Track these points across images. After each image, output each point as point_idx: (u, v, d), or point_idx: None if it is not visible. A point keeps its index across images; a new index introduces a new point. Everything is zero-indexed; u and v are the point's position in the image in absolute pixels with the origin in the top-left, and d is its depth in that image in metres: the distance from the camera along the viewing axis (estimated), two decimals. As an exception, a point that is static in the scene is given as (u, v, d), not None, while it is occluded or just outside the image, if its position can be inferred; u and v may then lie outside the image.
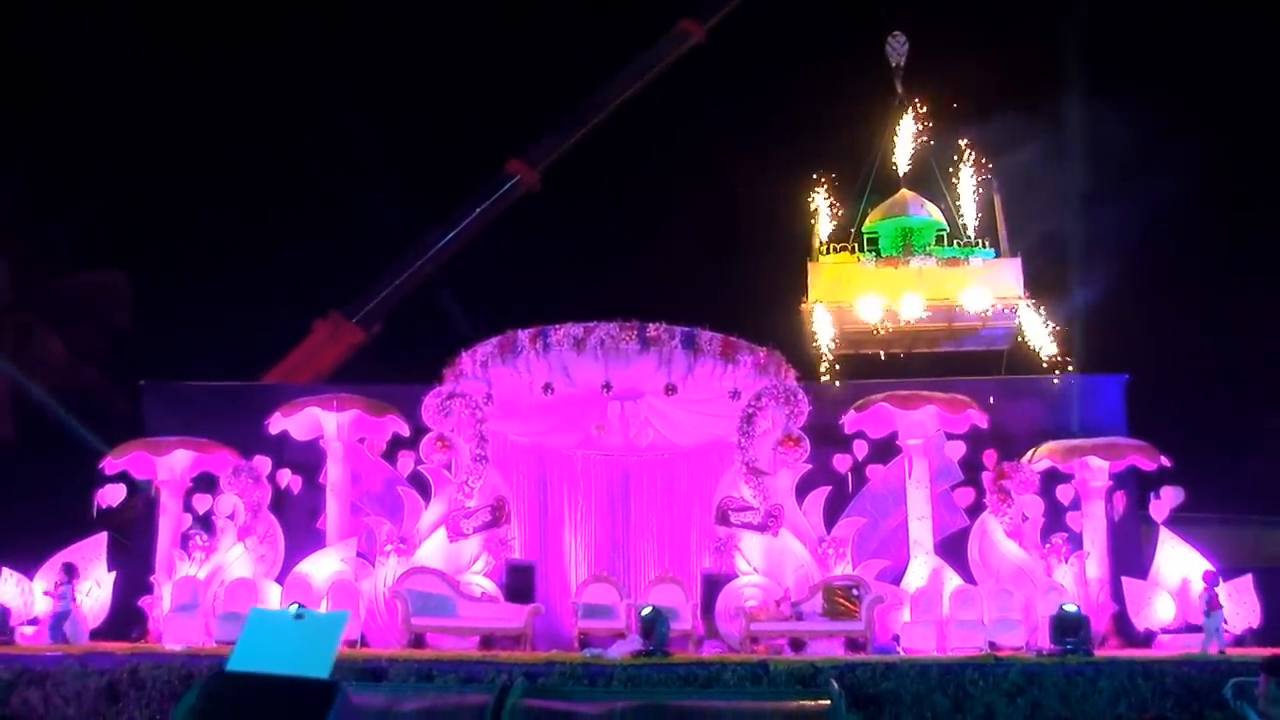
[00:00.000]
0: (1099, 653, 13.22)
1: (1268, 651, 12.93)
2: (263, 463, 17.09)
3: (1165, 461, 16.64)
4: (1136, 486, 17.33)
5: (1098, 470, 16.84)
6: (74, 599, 15.54)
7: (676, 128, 30.40)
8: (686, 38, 28.12)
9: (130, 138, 28.73)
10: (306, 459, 17.42)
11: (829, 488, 16.96)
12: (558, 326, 16.49)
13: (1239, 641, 15.25)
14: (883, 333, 23.68)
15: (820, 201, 26.03)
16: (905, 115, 26.89)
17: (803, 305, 24.45)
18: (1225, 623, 14.67)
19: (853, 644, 14.88)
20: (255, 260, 28.23)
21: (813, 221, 25.91)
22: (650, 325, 16.36)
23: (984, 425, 16.95)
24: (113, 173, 28.36)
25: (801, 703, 9.78)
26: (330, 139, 29.30)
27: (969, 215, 25.54)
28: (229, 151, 29.64)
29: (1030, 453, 17.08)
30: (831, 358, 22.05)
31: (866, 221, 25.30)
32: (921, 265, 24.01)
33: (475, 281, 27.99)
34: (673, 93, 28.96)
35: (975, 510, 16.90)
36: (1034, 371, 20.83)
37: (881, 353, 24.27)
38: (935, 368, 23.76)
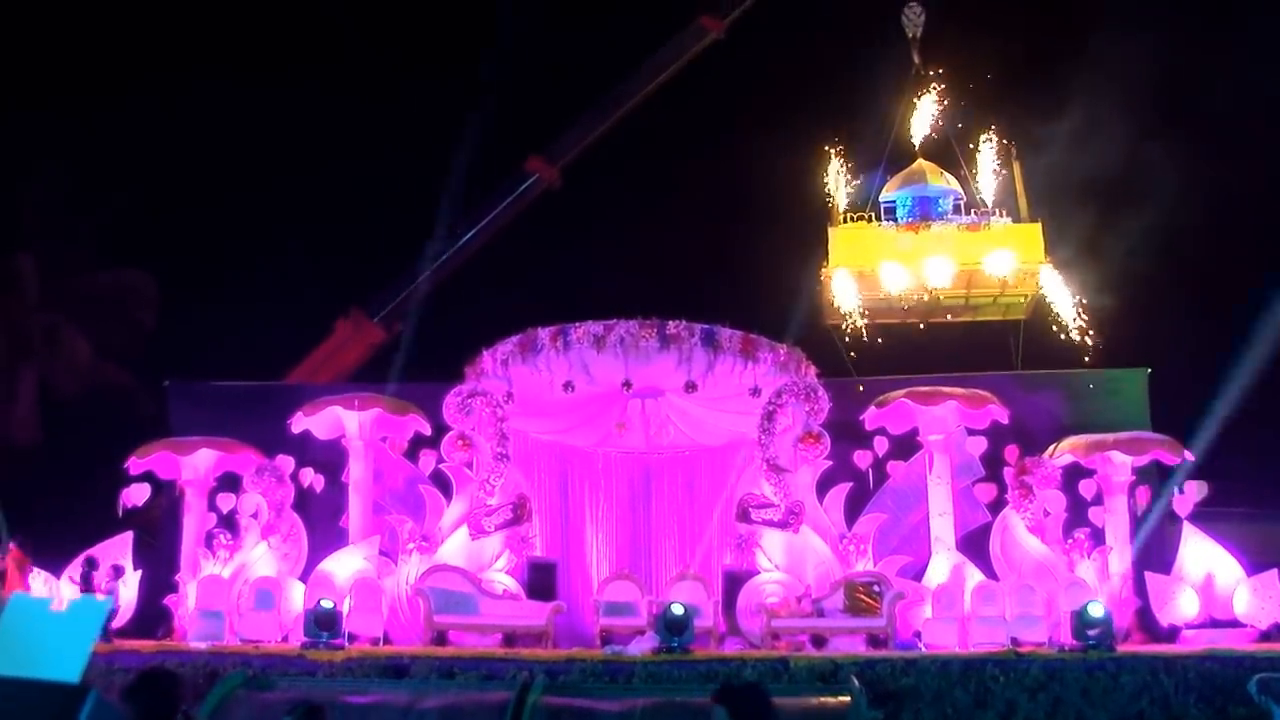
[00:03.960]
0: (1122, 648, 13.17)
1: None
2: (286, 462, 17.20)
3: (1188, 456, 16.55)
4: (1160, 481, 17.25)
5: (1120, 465, 16.74)
6: (117, 596, 15.77)
7: (691, 101, 30.15)
8: (705, 34, 28.13)
9: (155, 137, 28.90)
10: (329, 458, 17.52)
11: (850, 484, 16.95)
12: (578, 325, 16.51)
13: (1264, 637, 15.18)
14: (902, 302, 23.79)
15: (839, 168, 26.16)
16: (922, 86, 26.93)
17: (823, 270, 24.54)
18: None
19: (874, 640, 14.85)
20: (277, 260, 28.37)
21: (832, 189, 26.04)
22: (670, 323, 16.37)
23: (1005, 420, 16.89)
24: (138, 172, 28.54)
25: (822, 699, 9.77)
26: (352, 138, 29.43)
27: (986, 186, 25.57)
28: (252, 151, 29.78)
29: (1052, 448, 17.00)
30: (854, 322, 22.17)
31: (884, 191, 25.41)
32: (942, 228, 24.09)
33: (496, 279, 28.07)
34: (688, 66, 28.77)
35: (997, 506, 16.86)
36: (1052, 340, 20.82)
37: (907, 312, 24.32)
38: (954, 337, 23.85)
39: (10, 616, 4.34)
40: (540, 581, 16.36)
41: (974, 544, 16.70)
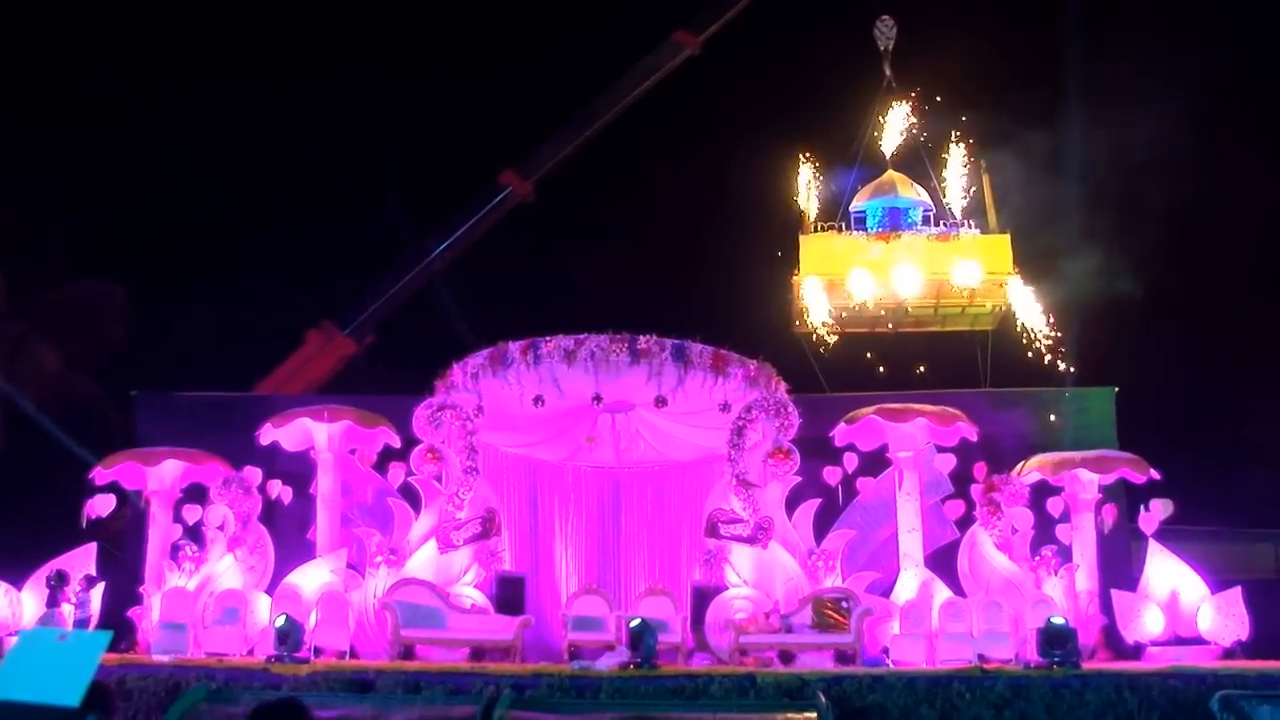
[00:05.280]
0: (1088, 665, 13.23)
1: (1257, 664, 12.97)
2: (253, 473, 17.07)
3: (1155, 474, 16.67)
4: (1126, 499, 17.37)
5: (1087, 483, 16.86)
6: (90, 606, 15.62)
7: (662, 111, 30.18)
8: (680, 49, 28.23)
9: (125, 148, 28.76)
10: (297, 470, 17.39)
11: (819, 500, 16.98)
12: (548, 339, 16.48)
13: (1228, 654, 15.29)
14: (870, 311, 24.06)
15: (809, 176, 26.41)
16: (893, 98, 27.22)
17: (794, 278, 24.76)
18: None
19: (842, 656, 14.86)
20: (248, 270, 28.26)
21: (803, 195, 26.27)
22: (640, 338, 16.35)
23: (974, 438, 16.99)
24: (108, 183, 28.39)
25: (788, 715, 9.80)
26: (324, 150, 29.37)
27: (956, 198, 25.86)
28: (222, 161, 29.69)
29: (1020, 465, 17.10)
30: (824, 330, 22.39)
31: (854, 201, 25.68)
32: (912, 238, 24.37)
33: (468, 292, 28.03)
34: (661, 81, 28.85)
35: (965, 523, 16.92)
36: (1019, 352, 21.08)
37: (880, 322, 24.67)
38: (922, 347, 24.13)
39: (21, 646, 4.83)
40: (508, 596, 16.29)
41: (942, 561, 16.76)
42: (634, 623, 12.84)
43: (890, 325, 25.27)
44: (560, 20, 31.76)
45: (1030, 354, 23.25)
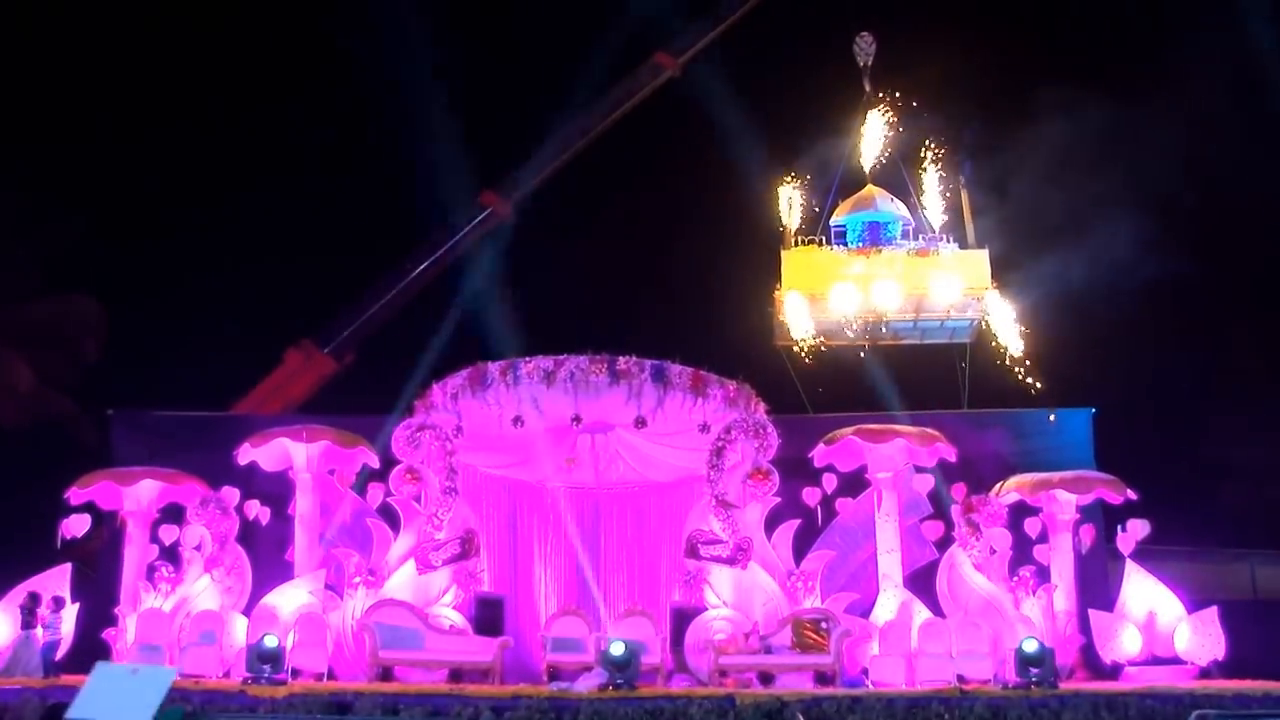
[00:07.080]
0: (1066, 685, 13.28)
1: (1233, 684, 13.04)
2: (231, 494, 16.99)
3: (1132, 495, 16.78)
4: (1104, 519, 17.45)
5: (1065, 504, 16.96)
6: (59, 628, 15.46)
7: (643, 126, 30.21)
8: (660, 71, 28.31)
9: (103, 163, 28.65)
10: (275, 490, 17.31)
11: (798, 521, 17.01)
12: (528, 359, 16.49)
13: (1204, 674, 15.37)
14: (849, 325, 24.23)
15: (790, 192, 26.59)
16: (872, 113, 27.45)
17: (775, 293, 24.89)
18: None
19: (821, 677, 14.88)
20: (227, 289, 28.12)
21: (785, 213, 26.42)
22: (620, 359, 16.37)
23: (952, 459, 17.05)
24: (85, 198, 28.25)
25: (767, 737, 9.80)
26: (302, 168, 29.32)
27: (935, 212, 26.06)
28: (202, 179, 29.59)
29: (998, 486, 17.18)
30: (805, 345, 22.50)
31: (834, 215, 25.87)
32: (892, 253, 24.56)
33: (447, 311, 27.95)
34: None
35: (944, 543, 16.98)
36: (996, 364, 21.23)
37: (858, 341, 24.81)
38: (901, 361, 24.31)
39: (98, 676, 6.11)
40: (487, 617, 16.26)
41: (921, 581, 16.81)
42: (614, 649, 12.80)
43: (866, 344, 25.40)
44: (545, 38, 31.80)
45: (1007, 366, 23.40)
